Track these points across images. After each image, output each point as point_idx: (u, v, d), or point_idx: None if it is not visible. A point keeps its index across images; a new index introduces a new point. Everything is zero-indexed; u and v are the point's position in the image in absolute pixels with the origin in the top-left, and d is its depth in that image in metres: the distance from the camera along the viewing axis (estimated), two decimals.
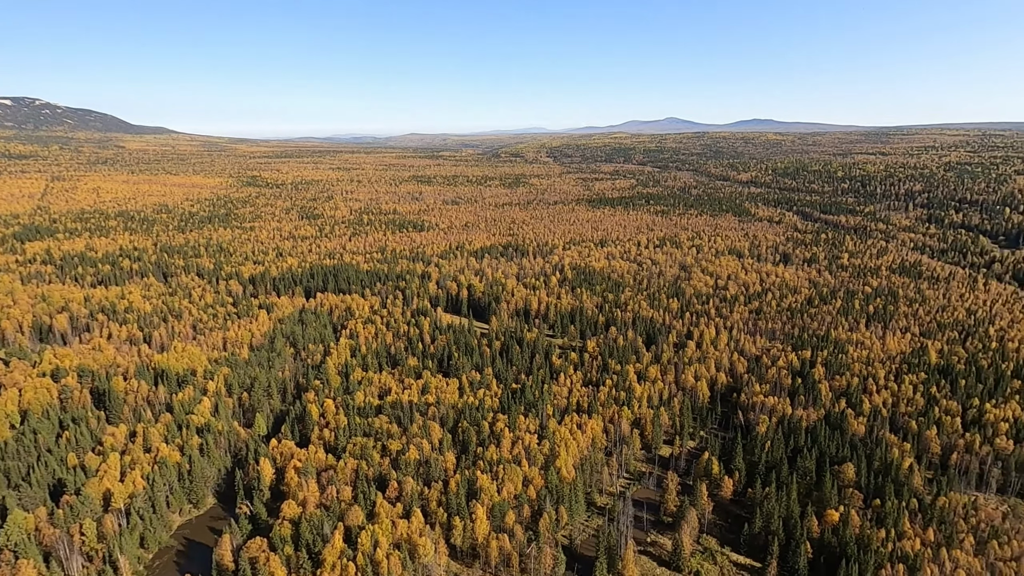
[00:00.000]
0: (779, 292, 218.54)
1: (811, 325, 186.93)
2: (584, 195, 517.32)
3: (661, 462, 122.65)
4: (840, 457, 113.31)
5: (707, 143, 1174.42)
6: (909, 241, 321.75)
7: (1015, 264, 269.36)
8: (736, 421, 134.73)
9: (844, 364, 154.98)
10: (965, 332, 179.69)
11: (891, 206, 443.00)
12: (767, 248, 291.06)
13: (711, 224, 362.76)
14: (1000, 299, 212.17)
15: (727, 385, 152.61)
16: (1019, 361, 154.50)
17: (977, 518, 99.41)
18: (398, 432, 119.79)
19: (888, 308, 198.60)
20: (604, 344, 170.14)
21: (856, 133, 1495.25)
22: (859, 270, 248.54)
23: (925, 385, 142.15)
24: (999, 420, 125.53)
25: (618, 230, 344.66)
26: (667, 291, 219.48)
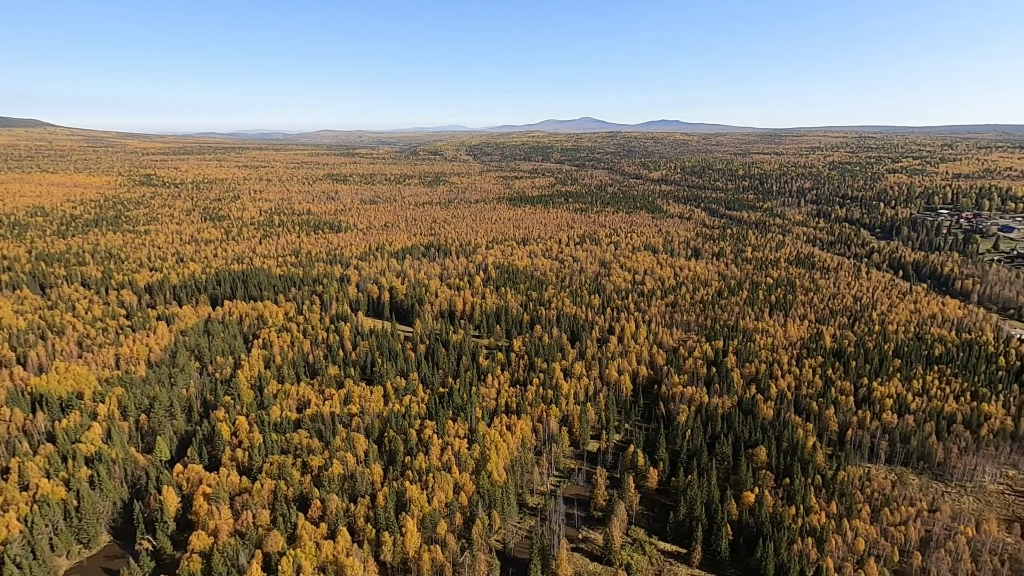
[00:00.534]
0: (692, 285, 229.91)
1: (722, 316, 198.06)
2: (505, 193, 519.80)
3: (589, 457, 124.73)
4: (753, 441, 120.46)
5: (620, 142, 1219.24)
6: (802, 235, 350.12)
7: (890, 254, 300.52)
8: (658, 412, 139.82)
9: (752, 352, 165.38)
10: (853, 317, 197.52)
11: (786, 202, 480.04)
12: (679, 243, 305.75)
13: (627, 221, 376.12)
14: (880, 286, 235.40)
15: (648, 377, 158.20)
16: (898, 342, 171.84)
17: (871, 488, 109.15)
18: (320, 447, 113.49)
19: (788, 298, 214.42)
20: (530, 343, 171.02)
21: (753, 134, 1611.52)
22: (761, 263, 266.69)
23: (822, 368, 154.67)
24: (885, 396, 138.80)
25: (539, 228, 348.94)
26: (589, 288, 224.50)
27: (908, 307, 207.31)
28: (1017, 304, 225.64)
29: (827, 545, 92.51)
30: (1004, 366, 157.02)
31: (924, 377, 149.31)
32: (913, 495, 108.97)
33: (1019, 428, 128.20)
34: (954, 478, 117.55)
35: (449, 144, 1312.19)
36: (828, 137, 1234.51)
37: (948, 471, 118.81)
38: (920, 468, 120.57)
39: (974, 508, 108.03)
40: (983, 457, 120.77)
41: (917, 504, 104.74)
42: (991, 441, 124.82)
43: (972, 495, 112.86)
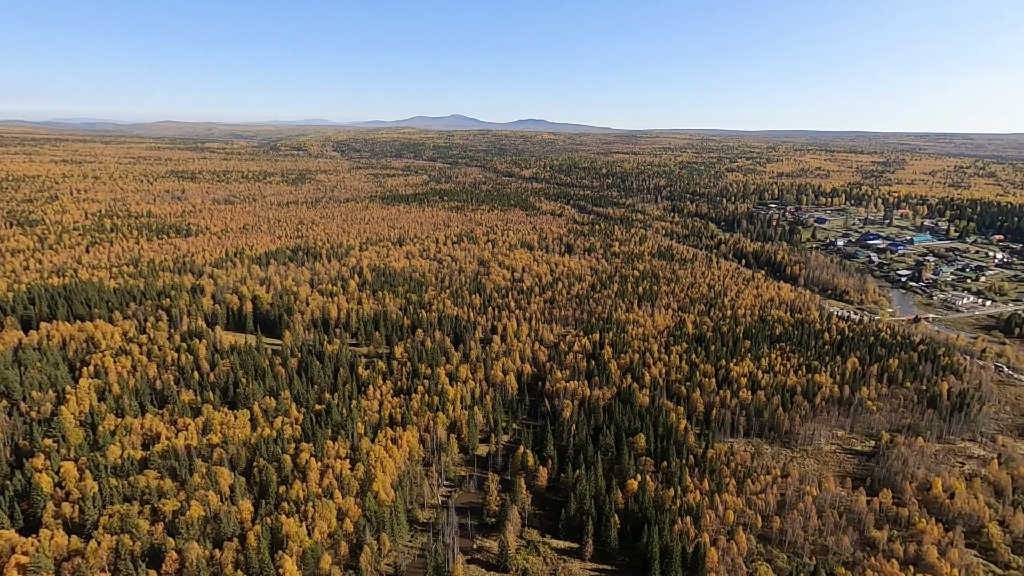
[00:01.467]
0: (568, 281, 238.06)
1: (597, 309, 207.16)
2: (377, 192, 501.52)
3: (480, 462, 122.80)
4: (633, 429, 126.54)
5: (491, 140, 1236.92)
6: (661, 229, 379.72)
7: (734, 245, 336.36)
8: (544, 409, 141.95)
9: (626, 343, 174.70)
10: (709, 304, 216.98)
11: (645, 199, 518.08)
12: (553, 240, 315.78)
13: (502, 219, 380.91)
14: (728, 274, 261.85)
15: (532, 375, 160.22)
16: (747, 325, 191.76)
17: (735, 462, 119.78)
18: (173, 488, 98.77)
19: (653, 289, 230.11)
20: (412, 348, 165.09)
21: (613, 135, 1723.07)
22: (628, 256, 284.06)
23: (687, 353, 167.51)
24: (740, 376, 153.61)
25: (415, 228, 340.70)
26: (469, 287, 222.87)
27: (752, 292, 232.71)
28: (833, 285, 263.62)
29: (703, 521, 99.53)
30: (828, 340, 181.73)
31: (769, 355, 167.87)
32: (768, 463, 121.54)
33: (844, 394, 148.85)
34: (798, 443, 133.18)
35: (314, 139, 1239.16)
36: (677, 139, 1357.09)
37: (793, 438, 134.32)
38: (771, 438, 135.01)
39: (815, 469, 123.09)
40: (819, 422, 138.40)
41: (772, 472, 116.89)
42: (824, 408, 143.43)
43: (813, 457, 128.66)
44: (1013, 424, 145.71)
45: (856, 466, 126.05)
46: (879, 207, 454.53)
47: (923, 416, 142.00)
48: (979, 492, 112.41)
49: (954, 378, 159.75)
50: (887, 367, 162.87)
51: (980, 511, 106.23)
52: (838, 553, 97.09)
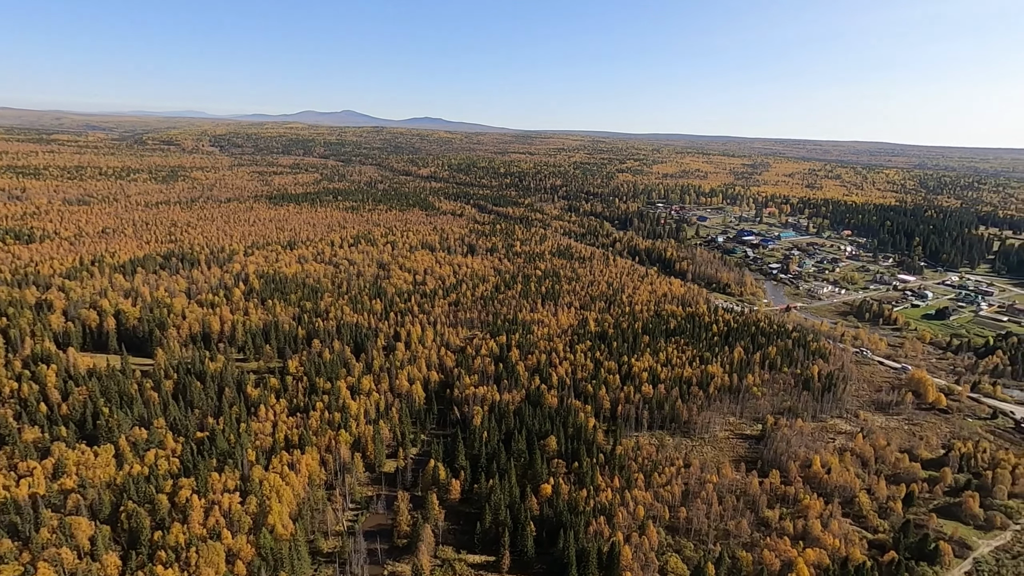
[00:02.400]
0: (472, 282, 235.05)
1: (502, 310, 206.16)
2: (263, 191, 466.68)
3: (388, 480, 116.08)
4: (543, 431, 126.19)
5: (386, 138, 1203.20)
6: (560, 228, 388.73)
7: (628, 242, 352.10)
8: (453, 417, 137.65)
9: (532, 343, 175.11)
10: (608, 301, 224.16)
11: (542, 198, 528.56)
12: (455, 240, 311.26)
13: (401, 219, 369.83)
14: (624, 271, 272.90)
15: (440, 381, 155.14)
16: (644, 320, 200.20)
17: (642, 456, 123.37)
18: (14, 548, 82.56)
19: (555, 288, 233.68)
20: (309, 361, 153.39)
21: (509, 135, 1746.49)
22: (529, 256, 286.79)
23: (591, 351, 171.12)
24: (641, 371, 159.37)
25: (307, 229, 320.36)
26: (369, 292, 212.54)
27: (647, 288, 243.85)
28: (717, 279, 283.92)
29: (616, 519, 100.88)
30: (717, 332, 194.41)
31: (667, 349, 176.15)
32: (672, 455, 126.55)
33: (733, 382, 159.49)
34: (696, 432, 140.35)
35: (187, 133, 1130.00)
36: (570, 140, 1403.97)
37: (692, 427, 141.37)
38: (672, 429, 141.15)
39: (713, 456, 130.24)
40: (713, 411, 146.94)
41: (676, 463, 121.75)
42: (717, 396, 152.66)
43: (710, 445, 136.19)
44: (870, 399, 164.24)
45: (747, 450, 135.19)
46: (751, 206, 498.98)
47: (799, 398, 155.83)
48: (849, 465, 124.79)
49: (822, 361, 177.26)
50: (767, 355, 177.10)
51: (852, 483, 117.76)
52: (738, 536, 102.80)
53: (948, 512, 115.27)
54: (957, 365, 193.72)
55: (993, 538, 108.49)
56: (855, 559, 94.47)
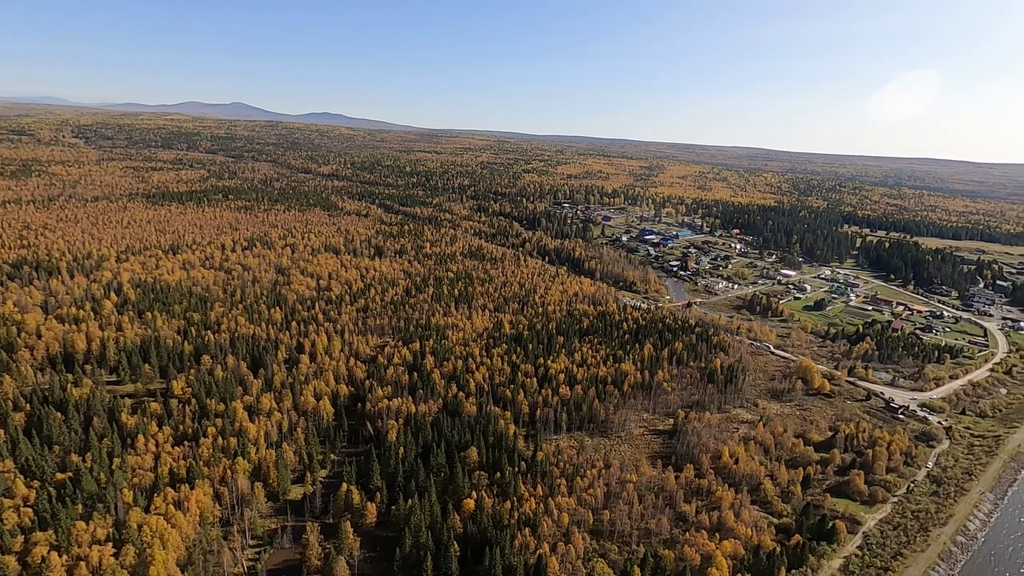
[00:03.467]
0: (381, 286, 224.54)
1: (414, 315, 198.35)
2: (140, 189, 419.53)
3: (295, 509, 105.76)
4: (463, 442, 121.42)
5: (282, 133, 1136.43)
6: (470, 228, 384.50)
7: (537, 242, 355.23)
8: (366, 433, 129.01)
9: (448, 349, 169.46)
10: (522, 302, 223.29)
11: (451, 198, 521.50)
12: (361, 242, 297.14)
13: (301, 220, 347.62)
14: (536, 272, 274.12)
15: (350, 395, 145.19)
16: (558, 320, 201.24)
17: (563, 460, 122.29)
18: None
19: (468, 290, 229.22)
20: (198, 380, 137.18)
21: (414, 133, 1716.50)
22: (440, 257, 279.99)
23: (508, 354, 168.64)
24: (558, 372, 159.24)
25: (194, 231, 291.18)
26: (267, 300, 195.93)
27: (559, 288, 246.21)
28: (624, 277, 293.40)
29: (540, 529, 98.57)
30: (627, 329, 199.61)
31: (581, 349, 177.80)
32: (592, 456, 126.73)
33: (645, 379, 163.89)
34: (613, 431, 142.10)
35: (44, 121, 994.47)
36: (476, 140, 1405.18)
37: (609, 427, 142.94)
38: (591, 430, 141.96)
39: (631, 454, 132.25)
40: (628, 408, 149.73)
41: (597, 464, 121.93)
42: (631, 394, 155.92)
43: (627, 443, 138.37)
44: (766, 388, 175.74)
45: (662, 445, 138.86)
46: (650, 206, 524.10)
47: (705, 391, 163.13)
48: (753, 453, 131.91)
49: (723, 354, 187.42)
50: (675, 350, 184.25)
51: (757, 471, 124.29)
52: (659, 534, 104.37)
53: (839, 490, 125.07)
54: (835, 352, 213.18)
55: (877, 512, 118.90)
56: (766, 547, 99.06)
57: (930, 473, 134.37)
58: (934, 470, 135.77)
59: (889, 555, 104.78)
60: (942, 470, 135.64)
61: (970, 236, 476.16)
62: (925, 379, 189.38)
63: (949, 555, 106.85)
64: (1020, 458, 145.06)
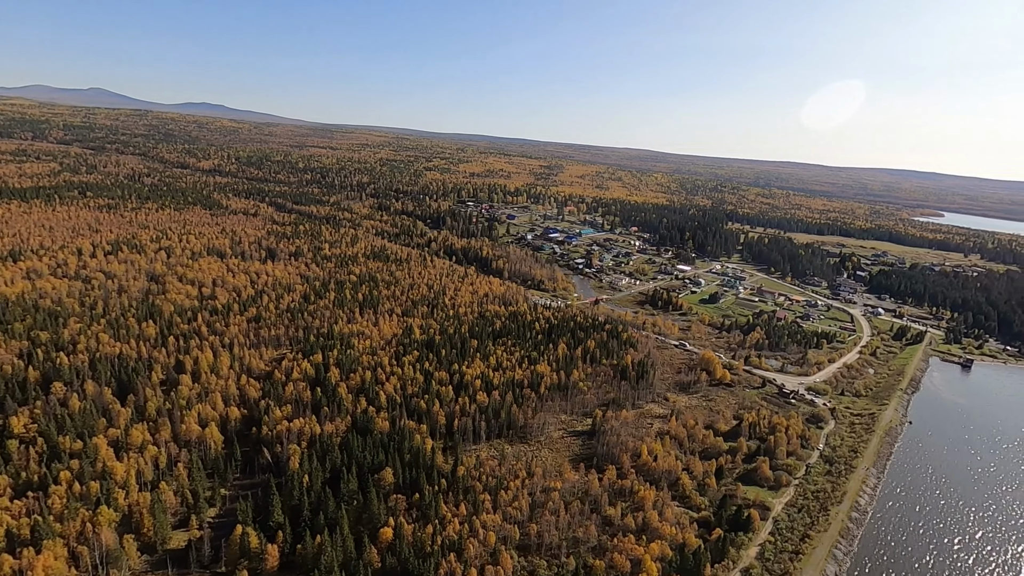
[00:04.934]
0: (275, 292, 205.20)
1: (314, 323, 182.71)
2: None
3: (177, 559, 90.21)
4: (377, 463, 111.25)
5: (153, 123, 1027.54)
6: (372, 228, 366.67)
7: (443, 242, 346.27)
8: (264, 461, 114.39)
9: (354, 359, 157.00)
10: (431, 305, 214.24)
11: (349, 196, 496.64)
12: (250, 244, 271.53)
13: (178, 220, 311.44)
14: (444, 272, 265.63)
15: (243, 418, 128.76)
16: (470, 323, 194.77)
17: (484, 473, 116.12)
18: None
19: (374, 294, 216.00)
20: (47, 414, 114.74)
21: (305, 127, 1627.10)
22: (341, 259, 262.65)
23: (420, 362, 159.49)
24: (473, 378, 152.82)
25: (42, 234, 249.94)
26: (137, 313, 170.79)
27: (468, 289, 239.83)
28: (532, 276, 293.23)
29: (466, 553, 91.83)
30: (539, 329, 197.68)
31: (496, 352, 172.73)
32: (514, 466, 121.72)
33: (561, 380, 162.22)
34: (533, 436, 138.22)
35: None
36: (373, 136, 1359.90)
37: (528, 432, 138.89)
38: (510, 436, 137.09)
39: (553, 460, 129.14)
40: (546, 411, 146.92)
41: (520, 474, 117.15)
42: (548, 396, 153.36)
43: (547, 447, 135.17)
44: (674, 381, 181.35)
45: (581, 447, 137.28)
46: (553, 205, 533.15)
47: (619, 388, 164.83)
48: (670, 449, 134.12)
49: (633, 350, 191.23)
50: (587, 348, 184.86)
51: (674, 466, 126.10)
52: (587, 541, 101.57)
53: (748, 478, 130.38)
54: (731, 342, 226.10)
55: (783, 496, 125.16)
56: (691, 545, 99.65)
57: (822, 453, 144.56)
58: (825, 450, 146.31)
59: (798, 538, 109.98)
60: (832, 450, 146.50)
61: (831, 232, 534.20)
62: (808, 364, 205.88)
63: (847, 532, 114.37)
64: (893, 432, 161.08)
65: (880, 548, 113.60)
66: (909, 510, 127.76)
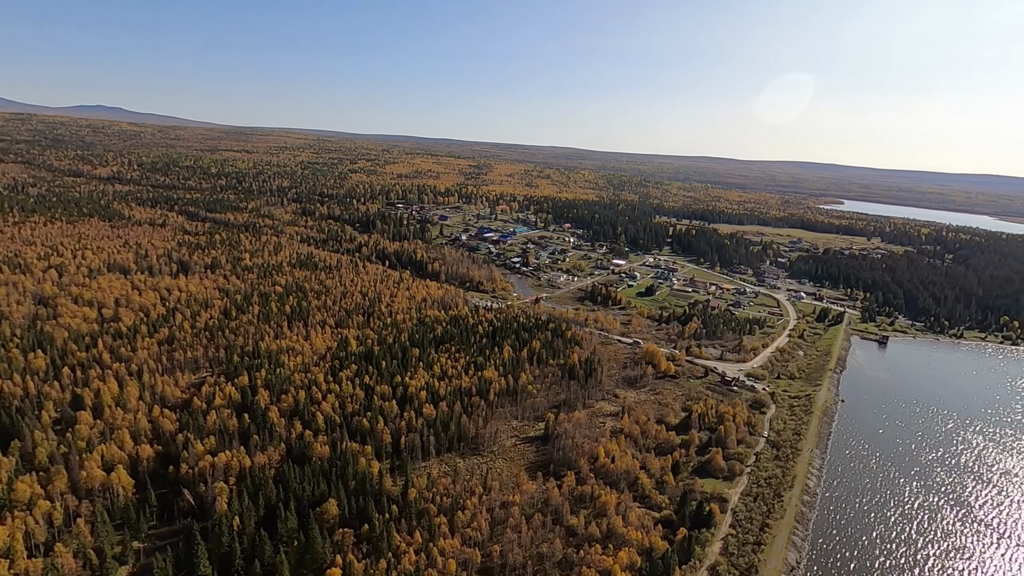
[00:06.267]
0: (190, 310, 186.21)
1: (237, 341, 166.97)
2: None
3: None
4: (318, 495, 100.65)
5: (39, 128, 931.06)
6: (296, 234, 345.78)
7: (375, 246, 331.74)
8: (184, 504, 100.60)
9: (285, 378, 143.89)
10: (367, 314, 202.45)
11: (269, 201, 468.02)
12: (159, 257, 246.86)
13: (72, 234, 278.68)
14: (378, 278, 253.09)
15: (157, 456, 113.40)
16: (409, 330, 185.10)
17: (438, 493, 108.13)
18: None
19: (303, 305, 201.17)
20: None
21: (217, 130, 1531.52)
22: (264, 269, 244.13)
23: (359, 376, 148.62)
24: (418, 390, 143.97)
25: None
26: (22, 343, 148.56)
27: (405, 294, 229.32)
28: (469, 277, 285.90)
29: None
30: (483, 333, 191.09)
31: (439, 360, 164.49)
32: (469, 483, 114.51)
33: (509, 384, 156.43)
34: (485, 447, 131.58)
35: None
36: (292, 138, 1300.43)
37: (480, 443, 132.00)
38: (462, 449, 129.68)
39: (508, 470, 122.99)
40: (497, 419, 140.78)
41: (476, 491, 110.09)
42: (498, 403, 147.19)
43: (501, 457, 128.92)
44: (621, 377, 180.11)
45: (536, 453, 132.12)
46: (485, 204, 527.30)
47: (569, 388, 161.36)
48: (625, 448, 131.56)
49: (579, 348, 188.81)
50: (533, 349, 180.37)
51: (632, 465, 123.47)
52: (552, 556, 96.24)
53: (703, 470, 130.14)
54: (670, 334, 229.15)
55: (738, 486, 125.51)
56: (658, 549, 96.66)
57: (768, 439, 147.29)
58: (771, 435, 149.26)
59: (757, 528, 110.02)
60: (777, 434, 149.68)
61: (750, 221, 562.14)
62: (745, 350, 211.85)
63: (802, 516, 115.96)
64: (830, 412, 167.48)
65: (832, 528, 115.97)
66: (852, 488, 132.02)
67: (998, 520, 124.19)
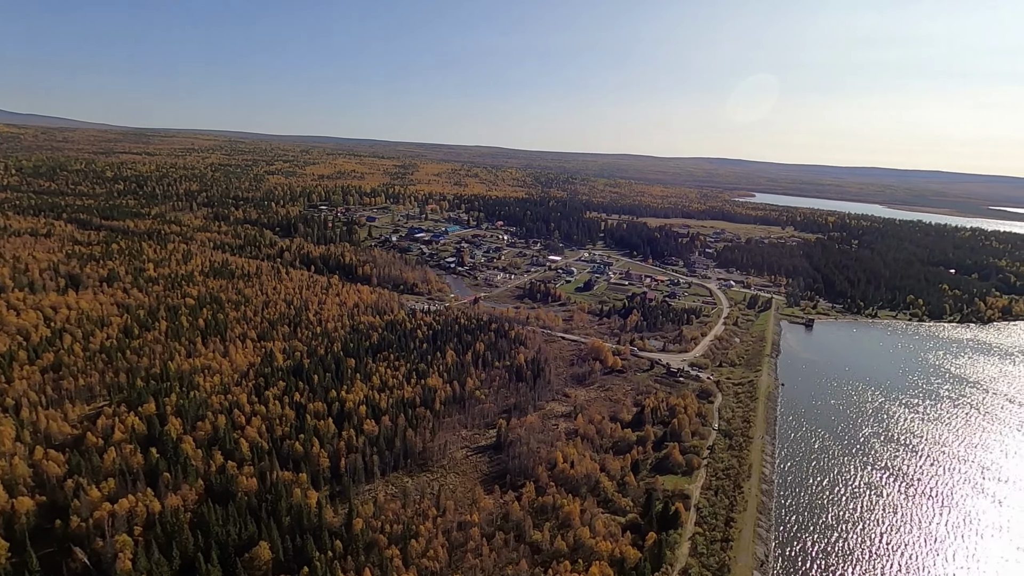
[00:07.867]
0: (81, 330, 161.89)
1: (141, 363, 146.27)
2: None
3: None
4: (246, 538, 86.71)
5: None
6: (208, 241, 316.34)
7: (298, 251, 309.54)
8: (76, 565, 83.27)
9: (201, 402, 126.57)
10: (293, 324, 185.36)
11: (176, 206, 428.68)
12: (42, 271, 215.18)
13: None
14: (304, 284, 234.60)
15: (40, 508, 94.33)
16: (343, 340, 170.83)
17: (387, 521, 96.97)
18: None
19: (219, 317, 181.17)
20: None
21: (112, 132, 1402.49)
22: (172, 280, 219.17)
23: (287, 394, 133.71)
24: (357, 405, 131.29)
25: None
26: None
27: (335, 300, 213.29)
28: (403, 280, 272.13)
29: None
30: (423, 337, 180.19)
31: (379, 369, 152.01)
32: (420, 505, 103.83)
33: (455, 391, 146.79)
34: (435, 461, 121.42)
35: None
36: (200, 139, 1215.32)
37: (429, 457, 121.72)
38: (409, 467, 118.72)
39: (462, 485, 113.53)
40: (445, 430, 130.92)
41: (429, 513, 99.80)
42: (444, 412, 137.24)
43: (453, 472, 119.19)
44: (569, 375, 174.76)
45: (490, 464, 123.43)
46: (414, 204, 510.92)
47: (518, 392, 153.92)
48: (583, 450, 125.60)
49: (524, 348, 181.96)
50: (477, 352, 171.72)
51: (592, 468, 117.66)
52: None
53: (662, 467, 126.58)
54: (612, 328, 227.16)
55: (698, 480, 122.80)
56: (629, 558, 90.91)
57: (720, 429, 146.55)
58: (721, 425, 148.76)
59: (723, 523, 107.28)
60: (727, 423, 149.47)
61: (675, 215, 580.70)
62: (686, 341, 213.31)
63: (764, 507, 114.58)
64: (773, 396, 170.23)
65: (791, 514, 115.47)
66: (803, 470, 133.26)
67: (935, 490, 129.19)
